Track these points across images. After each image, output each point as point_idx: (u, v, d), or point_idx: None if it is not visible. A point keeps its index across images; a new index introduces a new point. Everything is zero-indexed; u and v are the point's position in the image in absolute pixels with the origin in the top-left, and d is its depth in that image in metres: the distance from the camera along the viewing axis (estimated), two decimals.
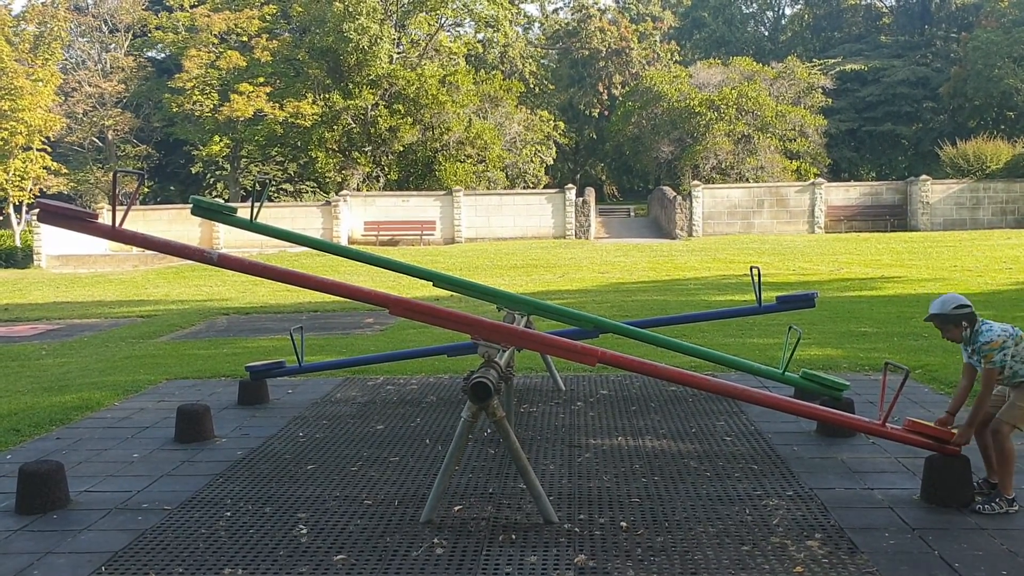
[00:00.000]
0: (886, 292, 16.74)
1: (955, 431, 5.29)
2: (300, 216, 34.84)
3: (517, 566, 4.51)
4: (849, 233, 34.51)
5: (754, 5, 71.29)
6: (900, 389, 5.26)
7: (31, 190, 36.39)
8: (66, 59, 45.98)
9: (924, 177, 36.26)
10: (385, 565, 4.57)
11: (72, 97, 44.59)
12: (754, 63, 49.50)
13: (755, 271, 7.96)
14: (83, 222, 5.47)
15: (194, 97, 40.77)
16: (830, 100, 48.48)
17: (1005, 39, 47.04)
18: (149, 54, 50.86)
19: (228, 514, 5.37)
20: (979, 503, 5.12)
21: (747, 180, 39.91)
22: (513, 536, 4.91)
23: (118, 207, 5.49)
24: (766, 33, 71.82)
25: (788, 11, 71.51)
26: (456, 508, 5.37)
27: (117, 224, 5.41)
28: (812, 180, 37.34)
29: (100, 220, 5.61)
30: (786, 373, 7.30)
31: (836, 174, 49.13)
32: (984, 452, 5.36)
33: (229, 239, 34.19)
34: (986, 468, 5.39)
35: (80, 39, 48.13)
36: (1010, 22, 48.63)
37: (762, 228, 35.57)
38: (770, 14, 72.55)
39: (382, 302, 5.79)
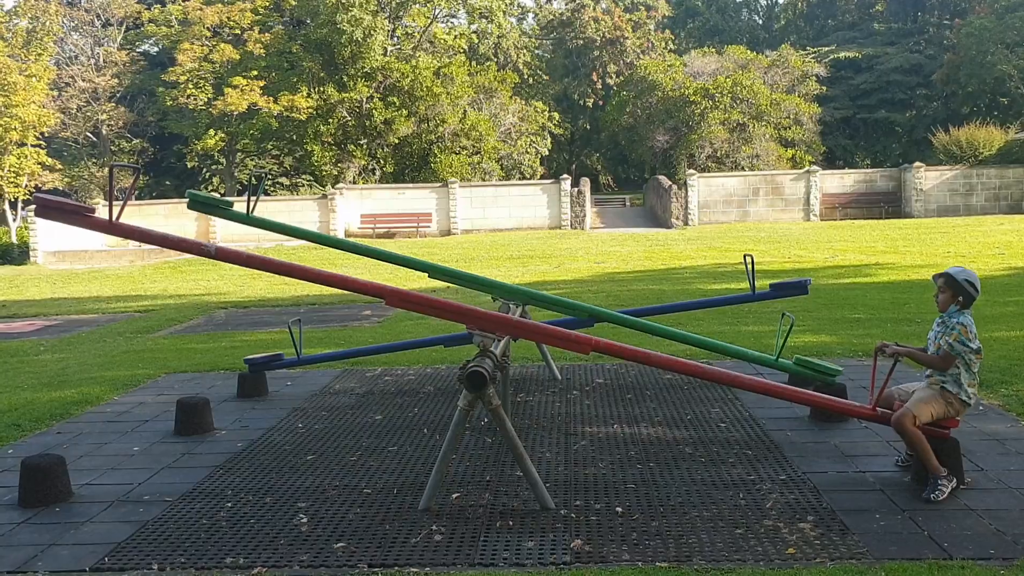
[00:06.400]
0: (880, 279, 16.81)
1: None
2: (296, 210, 34.86)
3: (514, 551, 4.58)
4: (844, 220, 34.59)
5: None
6: (890, 373, 5.32)
7: (26, 186, 36.37)
8: (59, 54, 45.86)
9: (918, 164, 36.32)
10: (384, 552, 4.64)
11: (65, 92, 44.51)
12: (748, 52, 49.49)
13: (749, 259, 8.00)
14: (80, 216, 5.52)
15: (188, 91, 40.70)
16: (824, 88, 48.49)
17: (998, 25, 47.01)
18: (142, 48, 50.74)
19: (229, 505, 5.44)
20: (927, 492, 5.12)
21: (742, 168, 39.96)
22: (510, 522, 4.98)
23: (115, 201, 5.54)
24: (759, 21, 71.76)
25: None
26: (454, 496, 5.44)
27: (114, 218, 5.47)
28: (807, 168, 37.39)
29: (97, 215, 5.66)
30: (780, 359, 7.36)
31: (831, 162, 49.17)
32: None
33: (225, 233, 34.19)
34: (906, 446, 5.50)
35: (73, 34, 47.99)
36: (1003, 8, 48.58)
37: (757, 216, 35.64)
38: (763, 2, 72.49)
39: (378, 293, 5.86)
